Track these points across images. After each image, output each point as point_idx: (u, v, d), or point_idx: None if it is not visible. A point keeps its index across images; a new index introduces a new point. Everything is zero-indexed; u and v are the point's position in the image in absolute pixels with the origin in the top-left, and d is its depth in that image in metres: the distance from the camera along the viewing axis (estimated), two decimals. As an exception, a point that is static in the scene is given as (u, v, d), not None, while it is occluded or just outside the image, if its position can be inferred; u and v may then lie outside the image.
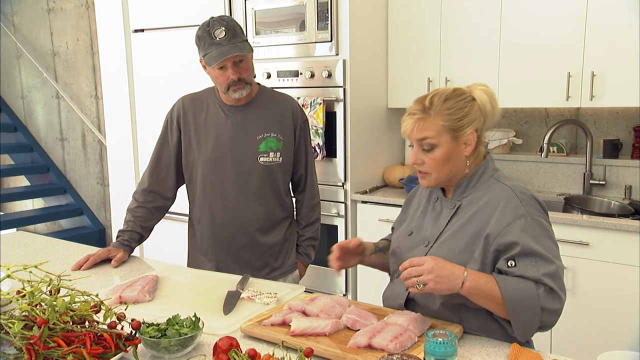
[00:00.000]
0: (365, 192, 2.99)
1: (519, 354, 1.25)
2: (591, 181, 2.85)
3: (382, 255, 1.64)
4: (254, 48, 3.06)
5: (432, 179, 1.43)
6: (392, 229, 1.69)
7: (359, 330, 1.31)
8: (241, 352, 1.14)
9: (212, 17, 1.85)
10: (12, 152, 5.68)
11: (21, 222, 5.18)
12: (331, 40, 2.85)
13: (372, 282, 2.96)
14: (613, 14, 2.48)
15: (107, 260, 1.91)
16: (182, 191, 2.09)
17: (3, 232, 4.67)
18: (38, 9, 5.30)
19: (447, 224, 1.43)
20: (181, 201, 2.11)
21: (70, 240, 2.33)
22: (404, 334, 1.26)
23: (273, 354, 1.11)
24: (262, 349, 1.24)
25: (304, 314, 1.41)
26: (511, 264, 1.30)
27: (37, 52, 5.40)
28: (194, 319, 1.27)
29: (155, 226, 2.08)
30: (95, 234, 5.17)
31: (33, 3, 5.33)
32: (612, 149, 2.80)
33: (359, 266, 2.97)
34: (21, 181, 5.89)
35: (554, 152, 2.97)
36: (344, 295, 2.98)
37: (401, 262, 1.37)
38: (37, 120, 5.63)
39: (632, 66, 2.46)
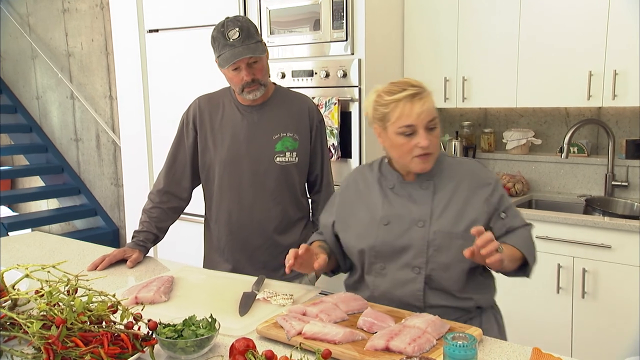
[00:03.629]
0: (380, 193, 2.98)
1: (539, 358, 1.22)
2: (613, 182, 2.80)
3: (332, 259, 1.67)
4: (268, 48, 3.07)
5: (434, 157, 1.51)
6: (319, 230, 1.74)
7: (375, 333, 1.29)
8: (258, 353, 1.13)
9: (227, 18, 1.85)
10: (27, 152, 5.75)
11: (36, 222, 5.23)
12: (346, 40, 2.83)
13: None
14: (636, 11, 2.43)
15: (122, 261, 1.91)
16: (197, 192, 2.08)
17: (19, 232, 4.72)
18: (53, 10, 5.34)
19: (432, 202, 1.53)
20: (196, 202, 2.10)
21: (84, 241, 2.34)
22: (422, 336, 1.24)
23: (291, 356, 1.10)
24: (279, 351, 1.23)
25: (304, 315, 1.40)
26: (503, 216, 1.53)
27: (52, 53, 5.44)
28: (210, 319, 1.27)
29: (170, 227, 2.08)
30: (109, 235, 5.20)
31: (48, 4, 5.38)
32: (635, 150, 2.74)
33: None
34: (36, 182, 5.95)
35: (574, 152, 2.93)
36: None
37: (390, 251, 1.52)
38: (51, 121, 5.68)
39: (655, 65, 2.41)
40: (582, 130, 2.95)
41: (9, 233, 4.69)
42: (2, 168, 5.78)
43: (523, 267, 1.52)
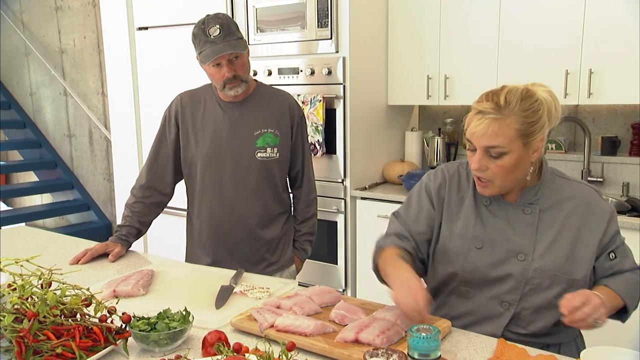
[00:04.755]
0: (364, 189, 3.01)
1: (504, 349, 1.25)
2: (589, 178, 2.84)
3: None
4: (255, 45, 3.11)
5: (495, 187, 1.32)
6: (397, 217, 1.52)
7: (346, 325, 1.31)
8: (229, 346, 1.15)
9: (208, 15, 1.86)
10: (21, 148, 5.77)
11: (30, 216, 5.25)
12: (331, 38, 2.86)
13: (371, 279, 2.97)
14: (611, 12, 2.48)
15: (105, 255, 1.93)
16: (183, 186, 2.10)
17: (11, 226, 4.75)
18: (46, 7, 5.35)
19: (536, 232, 1.34)
20: (184, 196, 2.12)
21: (77, 235, 2.34)
22: (392, 328, 1.26)
23: (256, 347, 1.13)
24: (252, 343, 1.25)
25: (278, 307, 1.42)
26: (612, 257, 1.34)
27: (46, 50, 5.46)
28: (184, 312, 1.28)
29: (161, 221, 2.09)
30: (102, 229, 5.23)
31: (41, 1, 5.39)
32: (611, 146, 2.80)
33: (359, 262, 3.00)
34: (30, 177, 5.97)
35: (552, 149, 2.97)
36: (343, 290, 3.00)
37: (481, 280, 1.38)
38: (45, 117, 5.70)
39: (629, 63, 2.45)
40: (560, 128, 2.99)
41: (2, 227, 4.72)
42: (-4, 163, 5.82)
43: (619, 312, 1.35)
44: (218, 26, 1.80)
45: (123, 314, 1.23)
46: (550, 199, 1.36)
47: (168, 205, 2.12)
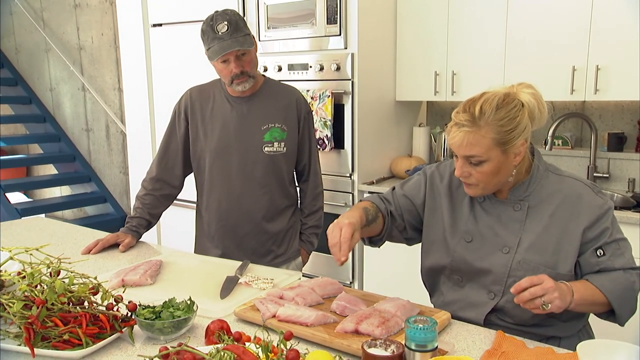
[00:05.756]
0: (372, 183, 3.02)
1: (503, 340, 1.26)
2: (595, 174, 2.83)
3: (373, 227, 1.50)
4: (266, 42, 3.14)
5: (479, 189, 1.37)
6: (394, 190, 1.59)
7: (347, 316, 1.33)
8: (230, 334, 1.17)
9: (216, 12, 1.88)
10: (41, 141, 5.89)
11: (49, 208, 5.37)
12: (340, 34, 2.88)
13: (378, 272, 2.99)
14: (618, 8, 2.46)
15: (116, 245, 1.97)
16: (193, 180, 2.14)
17: (30, 217, 4.85)
18: (65, 5, 5.44)
19: (523, 227, 1.36)
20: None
21: (94, 226, 2.39)
22: (391, 320, 1.28)
23: (255, 336, 1.15)
24: (254, 333, 1.26)
25: (281, 298, 1.44)
26: (600, 253, 1.31)
27: (65, 47, 5.55)
28: (189, 302, 1.31)
29: (174, 213, 2.12)
30: (118, 221, 5.30)
31: (61, -1, 5.50)
32: (617, 142, 2.79)
33: (366, 255, 3.02)
34: (49, 169, 6.10)
35: (558, 145, 2.96)
36: (350, 283, 3.03)
37: (468, 270, 1.42)
38: (64, 112, 5.81)
39: (636, 60, 2.44)
40: (567, 124, 2.98)
41: (22, 218, 4.82)
42: (18, 156, 5.95)
43: (613, 312, 1.33)
44: (226, 23, 1.82)
45: (129, 302, 1.26)
46: (540, 194, 1.38)
47: (181, 197, 2.16)
